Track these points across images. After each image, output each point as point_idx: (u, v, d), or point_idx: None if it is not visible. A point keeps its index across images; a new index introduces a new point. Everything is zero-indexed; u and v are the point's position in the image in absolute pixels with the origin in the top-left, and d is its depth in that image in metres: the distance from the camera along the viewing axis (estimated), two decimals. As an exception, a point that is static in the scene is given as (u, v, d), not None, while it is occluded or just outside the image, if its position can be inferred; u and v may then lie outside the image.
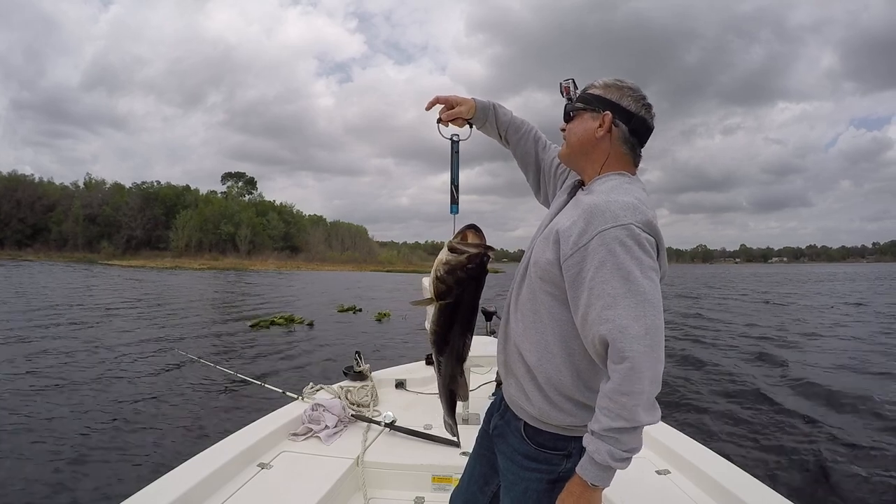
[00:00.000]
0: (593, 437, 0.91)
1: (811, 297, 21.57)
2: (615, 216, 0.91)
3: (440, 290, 1.11)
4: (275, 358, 7.53)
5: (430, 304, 1.16)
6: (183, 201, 71.57)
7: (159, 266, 50.88)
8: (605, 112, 1.04)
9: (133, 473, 3.33)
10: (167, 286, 23.48)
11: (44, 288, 18.98)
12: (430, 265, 1.14)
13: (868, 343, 9.16)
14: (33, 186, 68.95)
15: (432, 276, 1.12)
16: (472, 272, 1.09)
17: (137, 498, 1.56)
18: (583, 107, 1.08)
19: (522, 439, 1.09)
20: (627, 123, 1.04)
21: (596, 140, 1.06)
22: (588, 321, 0.92)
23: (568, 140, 1.12)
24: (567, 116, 1.12)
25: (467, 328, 1.16)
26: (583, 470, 0.93)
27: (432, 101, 1.31)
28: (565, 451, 1.06)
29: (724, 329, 11.19)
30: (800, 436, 4.34)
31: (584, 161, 1.10)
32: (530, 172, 1.37)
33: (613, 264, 0.89)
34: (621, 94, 1.05)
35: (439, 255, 1.12)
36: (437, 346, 1.19)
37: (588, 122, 1.07)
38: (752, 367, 7.16)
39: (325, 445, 2.17)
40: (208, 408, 4.84)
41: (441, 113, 1.32)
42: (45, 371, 6.12)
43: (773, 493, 1.64)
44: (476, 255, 1.08)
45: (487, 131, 1.37)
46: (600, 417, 0.90)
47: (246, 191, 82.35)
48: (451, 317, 1.14)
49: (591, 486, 0.93)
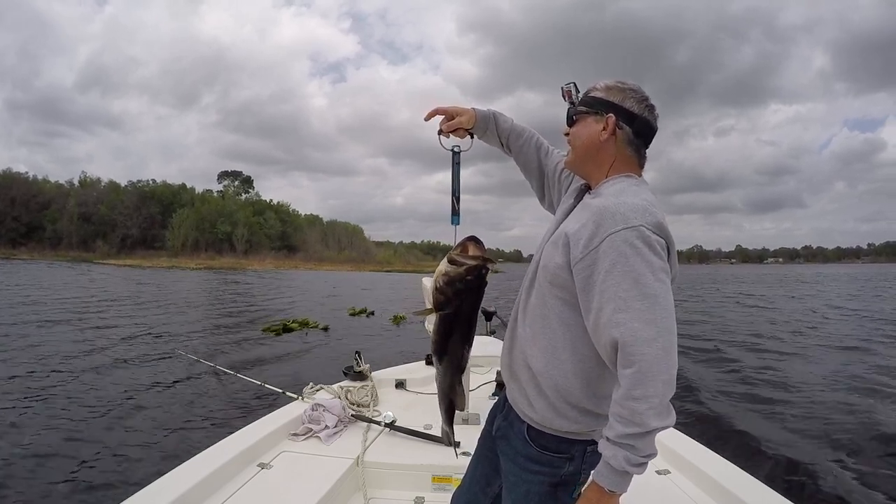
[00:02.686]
0: (609, 443, 0.91)
1: (808, 299, 21.68)
2: (625, 218, 0.91)
3: (439, 300, 1.12)
4: (275, 358, 7.51)
5: (430, 314, 1.18)
6: (179, 200, 71.30)
7: (156, 265, 50.67)
8: (608, 114, 1.04)
9: (133, 473, 3.32)
10: (166, 286, 23.37)
11: (40, 287, 18.88)
12: (427, 265, 1.15)
13: (868, 343, 9.21)
14: (28, 184, 68.56)
15: (432, 287, 1.13)
16: (471, 284, 1.09)
17: (137, 498, 1.55)
18: (586, 110, 1.07)
19: (525, 441, 1.08)
20: (631, 125, 1.04)
21: (601, 143, 1.05)
22: (600, 325, 0.91)
23: (573, 145, 1.11)
24: (570, 120, 1.11)
25: (466, 339, 1.17)
26: (599, 476, 0.93)
27: (432, 112, 1.29)
28: (568, 455, 1.05)
29: (723, 329, 11.24)
30: (800, 436, 4.36)
31: (590, 165, 1.09)
32: (533, 179, 1.35)
33: (624, 267, 0.89)
34: (624, 95, 1.04)
35: (439, 266, 1.13)
36: (437, 356, 1.20)
37: (592, 125, 1.06)
38: (751, 366, 7.18)
39: (325, 445, 2.17)
40: (208, 408, 4.82)
41: (441, 124, 1.30)
42: (44, 371, 6.07)
43: (774, 493, 1.65)
44: (475, 268, 1.08)
45: (488, 140, 1.36)
46: (614, 424, 0.90)
47: (243, 190, 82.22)
48: (451, 327, 1.15)
49: (609, 492, 0.92)
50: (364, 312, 13.94)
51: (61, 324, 9.85)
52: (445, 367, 1.20)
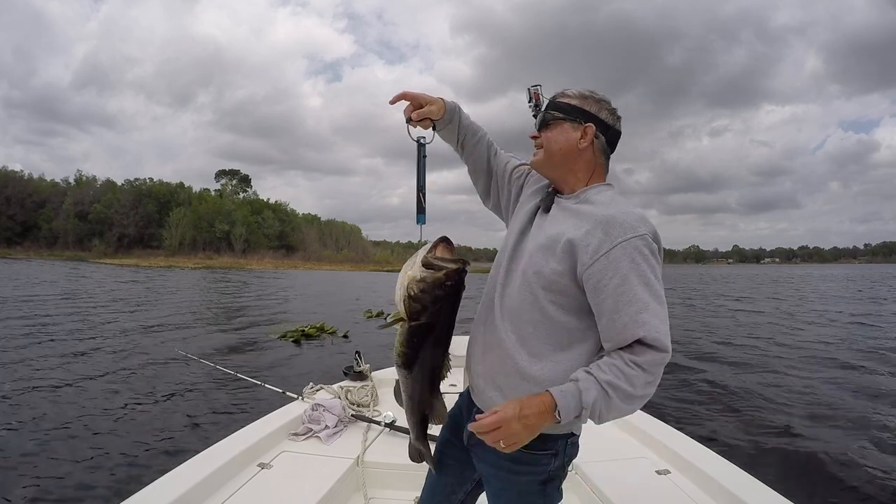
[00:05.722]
0: (592, 379, 0.94)
1: (813, 301, 21.76)
2: (633, 227, 0.98)
3: (414, 309, 1.02)
4: (275, 358, 7.49)
5: (400, 324, 1.06)
6: (176, 199, 70.98)
7: (153, 265, 50.45)
8: (587, 124, 1.08)
9: (133, 473, 3.30)
10: (164, 285, 23.26)
11: (37, 285, 18.79)
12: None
13: (869, 345, 9.25)
14: (24, 183, 68.23)
15: (403, 295, 1.02)
16: (451, 289, 1.02)
17: (137, 498, 1.55)
18: (563, 117, 1.10)
19: None
20: (605, 135, 1.10)
21: (579, 151, 1.09)
22: (618, 325, 0.96)
23: (547, 148, 1.12)
24: (543, 124, 1.13)
25: (445, 348, 1.10)
26: (561, 395, 0.93)
27: (399, 95, 1.20)
28: (553, 451, 1.08)
29: (723, 329, 11.28)
30: (800, 435, 4.37)
31: (563, 170, 1.12)
32: (481, 179, 1.34)
33: (637, 272, 0.96)
34: (599, 106, 1.10)
35: (410, 271, 1.02)
36: (405, 368, 1.10)
37: (569, 132, 1.09)
38: (751, 366, 7.21)
39: (326, 445, 2.17)
40: (208, 408, 4.80)
41: (408, 112, 1.21)
42: (43, 370, 6.03)
43: (773, 493, 1.66)
44: (455, 272, 1.01)
45: (446, 135, 1.29)
46: (607, 371, 0.94)
47: (240, 188, 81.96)
48: (424, 338, 1.05)
49: (554, 413, 0.93)
50: (381, 315, 12.93)
51: (58, 323, 9.80)
52: (418, 377, 1.10)
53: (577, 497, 1.95)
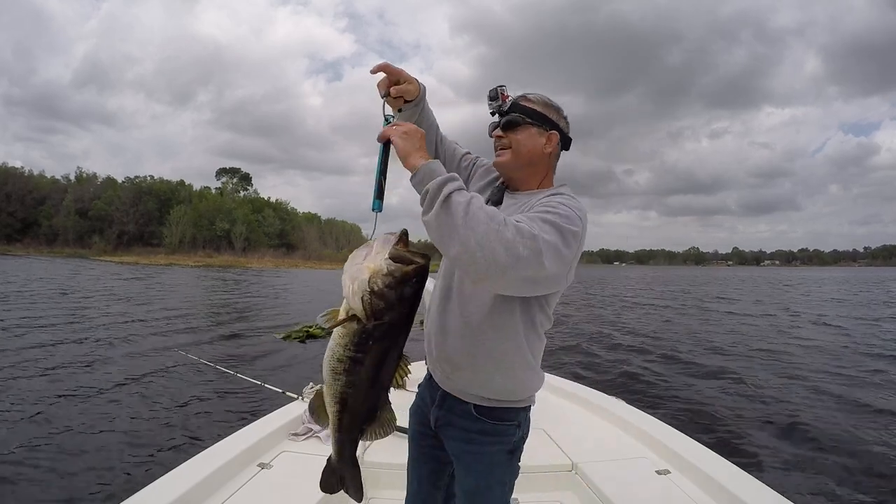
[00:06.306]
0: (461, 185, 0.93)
1: (814, 303, 21.75)
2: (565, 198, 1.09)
3: (378, 307, 0.90)
4: (275, 358, 7.48)
5: (346, 324, 0.93)
6: (177, 196, 70.93)
7: (153, 262, 50.45)
8: (551, 131, 1.17)
9: (133, 473, 3.30)
10: (164, 283, 23.25)
11: (35, 283, 18.77)
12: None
13: (870, 345, 9.25)
14: (24, 180, 68.13)
15: (365, 290, 0.90)
16: (417, 285, 0.94)
17: (137, 498, 1.55)
18: (531, 121, 1.16)
19: (476, 419, 1.16)
20: (562, 143, 1.20)
21: (543, 155, 1.18)
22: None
23: (516, 150, 1.17)
24: (511, 126, 1.17)
25: (401, 350, 1.01)
26: (428, 166, 0.97)
27: (381, 66, 1.14)
28: (515, 422, 1.17)
29: (722, 329, 11.28)
30: (800, 435, 4.38)
31: (525, 171, 1.19)
32: None
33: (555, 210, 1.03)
34: (559, 115, 1.19)
35: (370, 263, 0.91)
36: (347, 376, 0.97)
37: (536, 137, 1.16)
38: (751, 367, 7.21)
39: (325, 445, 2.16)
40: (208, 408, 4.80)
41: (384, 86, 1.15)
42: (42, 370, 6.03)
43: (773, 493, 1.66)
44: (424, 266, 0.93)
45: (406, 116, 1.23)
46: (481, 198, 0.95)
47: (241, 187, 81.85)
48: (380, 340, 0.94)
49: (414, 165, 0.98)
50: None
51: (57, 321, 9.78)
52: (363, 386, 0.99)
53: (577, 497, 1.95)
